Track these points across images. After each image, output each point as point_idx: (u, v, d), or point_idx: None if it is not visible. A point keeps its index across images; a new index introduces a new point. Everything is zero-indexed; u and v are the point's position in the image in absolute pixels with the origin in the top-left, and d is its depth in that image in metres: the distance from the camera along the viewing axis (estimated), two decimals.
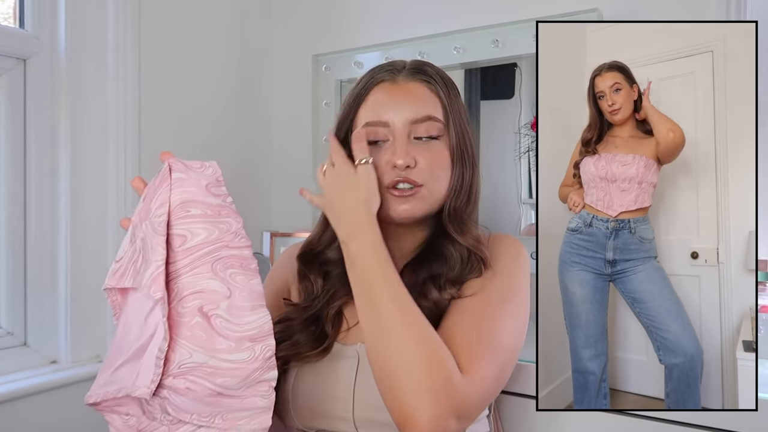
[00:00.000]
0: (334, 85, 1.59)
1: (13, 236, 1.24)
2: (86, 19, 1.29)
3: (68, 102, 1.26)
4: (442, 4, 1.49)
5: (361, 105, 0.81)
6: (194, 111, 1.52)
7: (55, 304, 1.28)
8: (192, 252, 0.60)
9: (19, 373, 1.20)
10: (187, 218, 0.61)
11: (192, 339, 0.58)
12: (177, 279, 0.60)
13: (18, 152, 1.24)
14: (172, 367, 0.58)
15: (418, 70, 0.82)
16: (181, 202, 0.62)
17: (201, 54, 1.55)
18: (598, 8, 1.26)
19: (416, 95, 0.79)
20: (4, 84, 1.22)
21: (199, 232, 0.61)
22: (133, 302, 0.65)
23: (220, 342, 0.58)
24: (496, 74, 1.41)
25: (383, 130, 0.78)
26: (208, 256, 0.60)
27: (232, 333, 0.59)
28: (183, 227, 0.61)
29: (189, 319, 0.59)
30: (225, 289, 0.59)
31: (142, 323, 0.62)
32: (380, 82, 0.81)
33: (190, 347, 0.58)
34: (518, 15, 1.35)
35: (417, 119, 0.77)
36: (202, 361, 0.58)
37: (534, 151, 1.34)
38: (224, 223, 0.62)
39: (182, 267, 0.60)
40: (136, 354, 0.62)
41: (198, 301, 0.59)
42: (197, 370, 0.58)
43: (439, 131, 0.79)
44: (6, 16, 1.26)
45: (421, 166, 0.77)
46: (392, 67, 0.83)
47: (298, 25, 1.73)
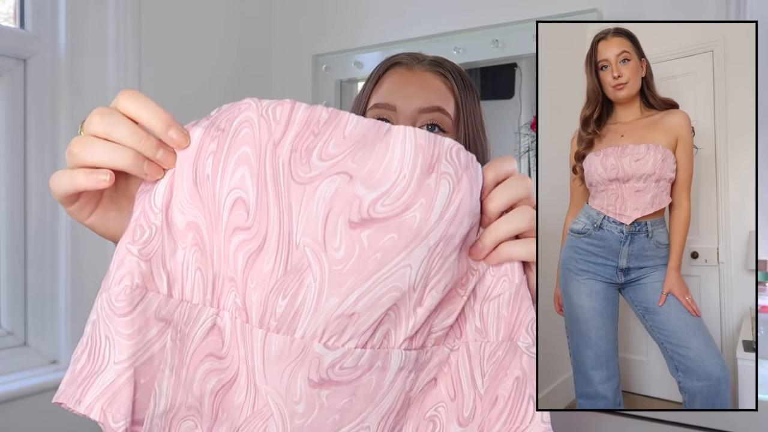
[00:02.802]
0: (334, 85, 1.59)
1: (13, 236, 1.24)
2: (86, 19, 1.29)
3: (68, 102, 1.26)
4: (442, 4, 1.49)
5: (375, 87, 0.79)
6: (194, 111, 1.52)
7: (55, 304, 1.28)
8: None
9: (19, 373, 1.20)
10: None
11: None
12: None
13: (18, 152, 1.24)
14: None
15: (436, 64, 0.79)
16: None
17: (201, 54, 1.55)
18: (598, 8, 1.26)
19: (429, 85, 0.77)
20: (4, 84, 1.22)
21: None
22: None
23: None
24: (496, 74, 1.41)
25: (389, 113, 0.75)
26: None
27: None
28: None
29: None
30: None
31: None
32: (397, 65, 0.79)
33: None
34: (518, 15, 1.35)
35: (425, 108, 0.75)
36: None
37: (534, 151, 1.34)
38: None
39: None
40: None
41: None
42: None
43: (447, 125, 0.76)
44: (6, 16, 1.26)
45: None
46: (413, 55, 0.81)
47: (298, 25, 1.73)
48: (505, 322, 0.42)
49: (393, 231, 0.38)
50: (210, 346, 0.41)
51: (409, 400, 0.43)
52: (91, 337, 0.40)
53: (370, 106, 0.77)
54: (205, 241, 0.40)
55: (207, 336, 0.41)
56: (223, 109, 0.42)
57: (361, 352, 0.39)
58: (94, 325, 0.40)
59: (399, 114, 0.75)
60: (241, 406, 0.42)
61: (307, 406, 0.40)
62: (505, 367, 0.43)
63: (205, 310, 0.41)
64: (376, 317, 0.39)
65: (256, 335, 0.39)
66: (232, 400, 0.42)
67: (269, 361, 0.39)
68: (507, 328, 0.42)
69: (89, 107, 1.40)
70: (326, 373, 0.39)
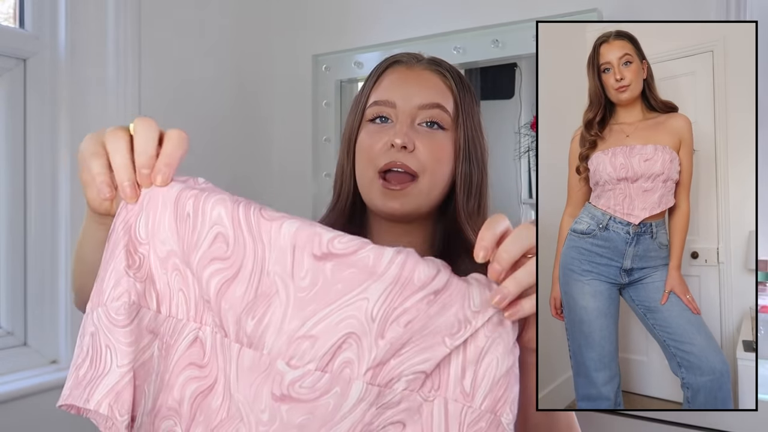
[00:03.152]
0: (334, 85, 1.59)
1: (13, 236, 1.24)
2: (86, 19, 1.29)
3: (68, 102, 1.26)
4: (442, 4, 1.49)
5: (375, 84, 0.80)
6: (194, 111, 1.52)
7: (55, 304, 1.28)
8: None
9: (19, 373, 1.20)
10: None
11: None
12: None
13: (18, 152, 1.24)
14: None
15: (435, 63, 0.81)
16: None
17: (201, 54, 1.55)
18: (598, 8, 1.26)
19: (428, 82, 0.78)
20: (4, 84, 1.22)
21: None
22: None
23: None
24: (496, 74, 1.41)
25: (389, 110, 0.76)
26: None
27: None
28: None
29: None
30: None
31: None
32: (397, 64, 0.80)
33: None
34: (518, 15, 1.35)
35: (424, 105, 0.76)
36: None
37: (534, 150, 1.34)
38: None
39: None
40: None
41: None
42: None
43: (446, 123, 0.77)
44: (6, 16, 1.26)
45: (420, 152, 0.75)
46: (412, 54, 0.82)
47: (298, 25, 1.73)
48: (493, 396, 0.44)
49: (352, 266, 0.42)
50: (192, 357, 0.46)
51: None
52: (92, 347, 0.45)
53: (369, 103, 0.78)
54: (182, 269, 0.46)
55: (190, 347, 0.46)
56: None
57: (320, 375, 0.43)
58: (93, 336, 0.45)
59: (399, 111, 0.76)
60: (217, 410, 0.46)
61: (270, 417, 0.44)
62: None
63: (188, 324, 0.47)
64: (333, 341, 0.42)
65: (233, 348, 0.45)
66: (210, 404, 0.46)
67: (242, 372, 0.44)
68: (492, 401, 0.44)
69: (89, 107, 1.40)
70: (287, 390, 0.43)
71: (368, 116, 0.77)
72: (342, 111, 1.59)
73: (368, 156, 0.76)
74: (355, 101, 0.82)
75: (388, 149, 0.74)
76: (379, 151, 0.75)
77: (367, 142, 0.76)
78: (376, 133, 0.76)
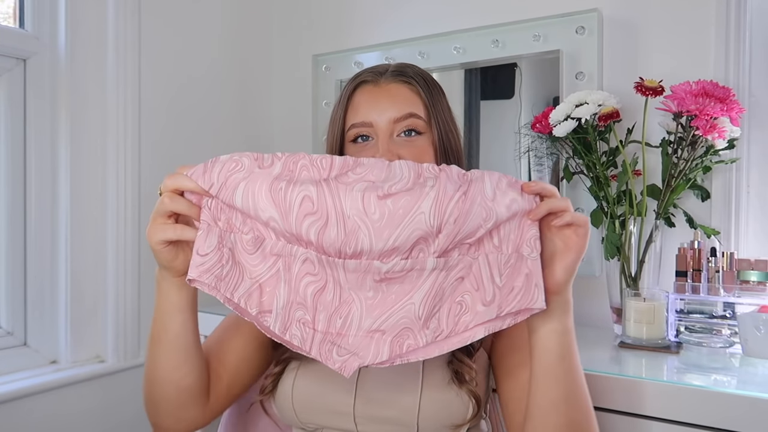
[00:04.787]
0: (334, 85, 1.59)
1: (13, 236, 1.24)
2: (86, 19, 1.29)
3: (68, 102, 1.26)
4: (442, 4, 1.49)
5: (347, 108, 0.83)
6: (194, 111, 1.52)
7: (55, 304, 1.28)
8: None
9: (19, 373, 1.20)
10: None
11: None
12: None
13: (18, 152, 1.24)
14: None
15: (399, 73, 0.84)
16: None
17: (201, 54, 1.55)
18: (598, 8, 1.26)
19: (397, 96, 0.81)
20: (4, 84, 1.22)
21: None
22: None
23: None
24: (496, 74, 1.41)
25: (367, 129, 0.80)
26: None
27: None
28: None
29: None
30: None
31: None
32: (363, 83, 0.83)
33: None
34: (518, 15, 1.35)
35: (398, 117, 0.79)
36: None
37: (534, 150, 1.34)
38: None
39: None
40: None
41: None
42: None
43: (421, 127, 0.80)
44: (6, 16, 1.26)
45: (405, 159, 0.78)
46: (375, 70, 0.85)
47: (298, 25, 1.73)
48: (513, 242, 0.65)
49: (406, 197, 0.61)
50: (307, 269, 0.65)
51: (442, 291, 0.65)
52: (232, 258, 0.66)
53: (347, 127, 0.82)
54: (280, 228, 0.63)
55: (303, 263, 0.65)
56: (284, 157, 0.65)
57: (405, 261, 0.63)
58: (232, 251, 0.66)
59: (377, 128, 0.80)
60: (331, 301, 0.66)
61: (374, 293, 0.66)
62: (518, 269, 0.64)
63: (299, 249, 0.65)
64: (409, 245, 0.62)
65: (337, 262, 0.63)
66: (325, 298, 0.66)
67: (348, 273, 0.64)
68: (514, 245, 0.65)
69: (89, 107, 1.41)
70: (384, 275, 0.64)
71: (349, 138, 0.82)
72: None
73: None
74: (331, 124, 0.85)
75: None
76: None
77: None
78: (359, 152, 0.80)
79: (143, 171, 1.38)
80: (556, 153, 1.28)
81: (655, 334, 1.02)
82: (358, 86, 0.84)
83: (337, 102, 0.85)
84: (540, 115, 1.23)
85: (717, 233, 1.11)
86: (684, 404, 0.83)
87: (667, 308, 1.04)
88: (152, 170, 1.40)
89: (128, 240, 1.33)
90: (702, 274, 1.07)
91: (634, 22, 1.26)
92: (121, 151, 1.32)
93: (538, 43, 1.31)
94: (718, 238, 1.13)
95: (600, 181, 1.17)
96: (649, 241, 1.12)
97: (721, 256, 1.06)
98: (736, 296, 1.02)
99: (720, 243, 1.13)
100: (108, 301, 1.32)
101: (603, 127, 1.14)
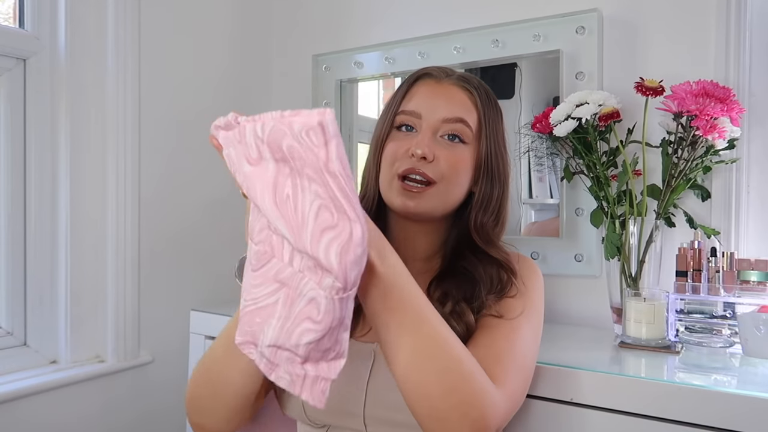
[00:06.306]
0: (334, 85, 1.59)
1: (13, 236, 1.24)
2: (86, 19, 1.29)
3: (68, 102, 1.26)
4: (442, 4, 1.49)
5: (406, 95, 0.85)
6: (194, 111, 1.52)
7: (55, 304, 1.28)
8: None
9: (19, 373, 1.20)
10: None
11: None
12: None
13: (18, 152, 1.24)
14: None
15: (464, 79, 0.85)
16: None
17: (201, 54, 1.55)
18: (598, 8, 1.25)
19: (454, 98, 0.82)
20: (4, 84, 1.22)
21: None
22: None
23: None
24: (496, 74, 1.40)
25: (415, 120, 0.82)
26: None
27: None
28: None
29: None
30: None
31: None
32: (427, 76, 0.85)
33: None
34: (518, 15, 1.35)
35: (448, 118, 0.80)
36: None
37: (534, 150, 1.33)
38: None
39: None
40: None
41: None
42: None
43: (467, 137, 0.81)
44: (6, 16, 1.26)
45: (440, 162, 0.80)
46: (443, 69, 0.86)
47: (298, 25, 1.73)
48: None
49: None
50: (308, 312, 0.52)
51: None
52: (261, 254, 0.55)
53: (399, 110, 0.83)
54: (294, 246, 0.50)
55: (307, 305, 0.52)
56: (267, 132, 0.49)
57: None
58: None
59: (423, 121, 0.81)
60: (330, 349, 0.53)
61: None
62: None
63: (309, 284, 0.51)
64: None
65: (352, 298, 0.51)
66: (322, 345, 0.53)
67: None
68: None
69: (89, 107, 1.41)
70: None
71: (396, 124, 0.83)
72: (342, 111, 1.59)
73: (391, 160, 0.82)
74: (385, 108, 0.87)
75: (409, 157, 0.80)
76: (400, 156, 0.81)
77: (392, 147, 0.82)
78: (400, 140, 0.82)
79: (143, 171, 1.38)
80: (556, 153, 1.28)
81: (655, 334, 1.02)
82: (421, 77, 0.85)
83: (398, 88, 0.86)
84: (540, 115, 1.23)
85: (717, 233, 1.11)
86: (684, 404, 0.82)
87: (667, 308, 1.04)
88: (152, 170, 1.40)
89: (128, 240, 1.33)
90: (702, 274, 1.06)
91: (634, 22, 1.26)
92: (121, 151, 1.32)
93: (538, 43, 1.31)
94: (718, 238, 1.13)
95: (600, 181, 1.17)
96: (649, 241, 1.12)
97: (721, 256, 1.06)
98: (736, 296, 1.02)
99: (720, 243, 1.13)
100: (108, 301, 1.32)
101: (603, 127, 1.14)
